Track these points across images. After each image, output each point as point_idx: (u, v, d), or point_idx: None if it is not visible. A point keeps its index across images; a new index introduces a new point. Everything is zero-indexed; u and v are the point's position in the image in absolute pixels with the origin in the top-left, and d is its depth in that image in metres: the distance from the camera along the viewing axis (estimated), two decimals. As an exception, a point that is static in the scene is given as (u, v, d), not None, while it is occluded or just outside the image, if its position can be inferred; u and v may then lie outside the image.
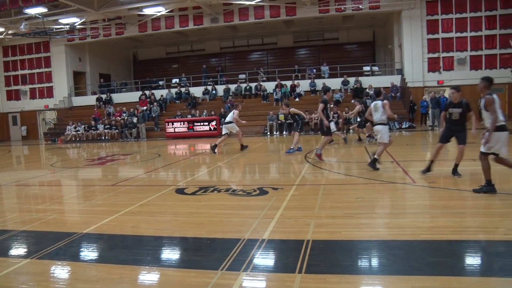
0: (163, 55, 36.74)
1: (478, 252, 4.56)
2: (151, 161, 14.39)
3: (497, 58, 25.12)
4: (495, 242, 4.72)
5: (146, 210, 6.83)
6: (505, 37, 24.39)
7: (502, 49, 24.77)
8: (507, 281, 3.77)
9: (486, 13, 24.92)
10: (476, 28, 25.08)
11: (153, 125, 26.42)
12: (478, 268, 4.17)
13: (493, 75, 23.61)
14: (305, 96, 26.37)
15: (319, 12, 26.19)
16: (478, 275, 3.92)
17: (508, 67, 25.02)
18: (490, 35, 25.01)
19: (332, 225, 5.52)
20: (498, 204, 6.35)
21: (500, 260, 4.26)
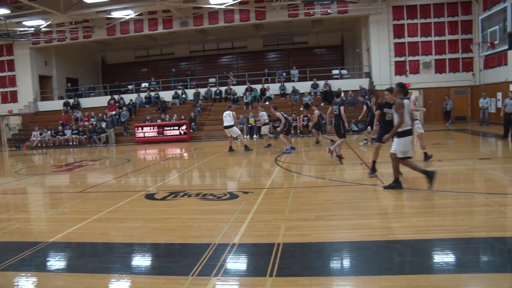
0: (132, 59, 36.27)
1: (444, 250, 4.68)
2: (121, 166, 14.17)
3: (460, 62, 25.92)
4: (459, 240, 4.85)
5: (115, 217, 6.73)
6: (466, 42, 25.18)
7: (464, 53, 25.57)
8: (471, 276, 3.90)
9: (448, 19, 25.71)
10: (439, 33, 25.82)
11: (123, 130, 26.01)
12: (444, 265, 4.28)
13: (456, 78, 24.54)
14: (275, 99, 26.46)
15: (288, 16, 26.38)
16: (444, 272, 4.03)
17: (470, 70, 25.87)
18: (453, 39, 25.80)
19: (303, 227, 5.56)
20: (462, 203, 6.54)
21: (464, 257, 4.41)
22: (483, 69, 25.16)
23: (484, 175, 8.90)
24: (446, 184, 8.13)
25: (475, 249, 4.63)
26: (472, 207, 6.31)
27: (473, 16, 25.25)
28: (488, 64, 24.58)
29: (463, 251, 4.55)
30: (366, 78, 26.79)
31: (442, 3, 25.57)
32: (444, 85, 25.01)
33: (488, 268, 4.14)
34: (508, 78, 21.71)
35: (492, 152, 13.42)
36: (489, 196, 6.74)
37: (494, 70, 23.90)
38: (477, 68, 25.63)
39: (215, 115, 25.67)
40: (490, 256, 4.52)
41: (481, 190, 7.38)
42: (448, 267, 4.22)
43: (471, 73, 25.86)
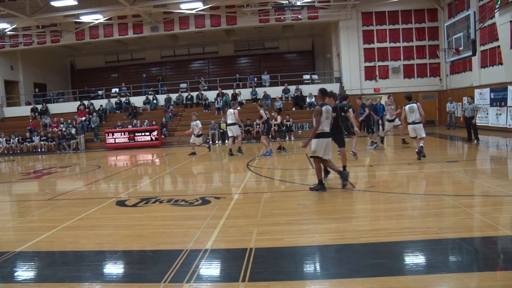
0: (102, 64, 35.71)
1: (414, 251, 4.77)
2: (91, 173, 13.92)
3: (427, 67, 26.60)
4: (429, 241, 4.95)
5: (85, 224, 6.60)
6: (433, 48, 25.85)
7: (431, 59, 26.25)
8: (440, 277, 3.99)
9: (416, 25, 26.37)
10: (407, 39, 26.44)
11: (93, 136, 25.56)
12: (414, 266, 4.36)
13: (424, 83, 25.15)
14: (247, 104, 26.51)
15: (259, 22, 26.51)
16: (414, 274, 4.10)
17: (437, 75, 26.56)
18: (420, 45, 26.47)
19: (275, 232, 5.58)
20: (431, 206, 6.68)
21: (433, 257, 4.51)
22: (450, 74, 25.92)
23: (451, 177, 9.14)
24: (416, 187, 8.31)
25: (444, 250, 4.73)
26: (440, 209, 6.45)
27: (439, 23, 25.99)
28: (454, 70, 25.32)
29: (432, 252, 4.65)
30: (337, 83, 27.13)
31: (410, 10, 26.22)
32: (412, 89, 25.53)
33: (456, 268, 4.24)
34: (472, 83, 22.41)
35: (459, 155, 13.79)
36: (457, 198, 6.91)
37: (460, 76, 24.64)
38: (443, 74, 26.38)
39: (187, 121, 25.49)
40: (458, 256, 4.63)
41: (449, 192, 7.56)
42: (418, 268, 4.31)
43: (438, 78, 26.59)
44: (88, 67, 35.44)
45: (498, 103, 20.14)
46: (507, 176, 9.47)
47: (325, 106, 7.85)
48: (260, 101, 22.92)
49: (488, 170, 10.44)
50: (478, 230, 5.38)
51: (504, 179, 8.88)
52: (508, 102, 19.28)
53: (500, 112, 20.01)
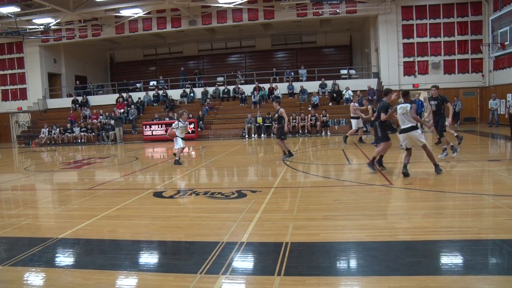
0: (141, 57, 36.42)
1: (452, 251, 4.65)
2: (129, 164, 14.24)
3: (469, 63, 25.75)
4: (468, 241, 4.82)
5: (123, 214, 6.76)
6: (476, 43, 25.02)
7: (474, 54, 25.41)
8: (479, 279, 3.88)
9: (458, 19, 25.54)
10: (449, 34, 25.66)
11: (131, 128, 26.13)
12: (452, 267, 4.26)
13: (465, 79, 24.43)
14: (283, 98, 26.45)
15: (297, 16, 26.34)
16: (452, 274, 4.00)
17: (479, 71, 25.69)
18: (462, 40, 25.63)
19: (311, 227, 5.56)
20: (471, 205, 6.50)
21: (473, 258, 4.38)
22: (493, 70, 24.98)
23: (493, 176, 8.85)
24: (455, 186, 8.10)
25: (483, 251, 4.60)
26: (480, 209, 6.27)
27: (483, 16, 25.06)
28: (498, 65, 24.38)
29: (471, 253, 4.52)
30: (375, 79, 26.69)
31: (452, 3, 25.39)
32: (453, 86, 24.85)
33: (496, 270, 4.11)
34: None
35: (501, 153, 13.33)
36: (498, 198, 6.68)
37: (504, 72, 23.70)
38: (486, 69, 25.45)
39: (223, 114, 25.72)
40: (499, 258, 4.49)
41: (490, 192, 7.32)
42: (457, 268, 4.20)
43: (480, 74, 25.67)
44: (127, 60, 36.25)
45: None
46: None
47: (401, 104, 8.75)
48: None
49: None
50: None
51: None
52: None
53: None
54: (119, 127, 24.76)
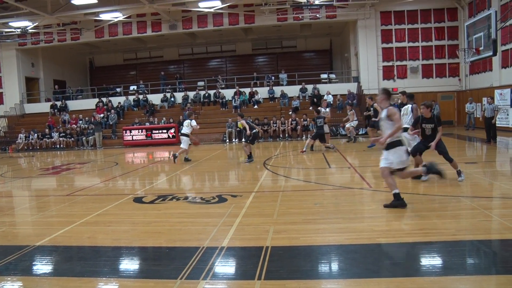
0: (121, 62, 36.10)
1: (430, 253, 4.74)
2: (109, 169, 14.10)
3: (447, 67, 26.26)
4: (445, 243, 4.91)
5: (103, 220, 6.70)
6: (452, 48, 25.53)
7: (451, 58, 25.92)
8: (457, 279, 3.96)
9: (435, 25, 26.05)
10: (426, 39, 26.14)
11: (111, 133, 25.87)
12: (430, 268, 4.34)
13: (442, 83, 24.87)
14: (264, 103, 26.55)
15: (277, 21, 26.47)
16: (430, 275, 4.07)
17: (456, 76, 26.21)
18: (440, 45, 26.14)
19: (291, 231, 5.59)
20: (448, 207, 6.61)
21: (450, 259, 4.48)
22: (469, 74, 25.54)
23: (470, 179, 9.01)
24: (433, 188, 8.23)
25: (461, 252, 4.69)
26: (458, 211, 6.39)
27: (459, 22, 25.63)
28: (473, 70, 24.95)
29: (449, 254, 4.62)
30: (355, 83, 26.98)
31: (429, 9, 25.90)
32: (431, 89, 25.30)
33: (473, 271, 4.21)
34: (492, 83, 22.06)
35: (477, 156, 13.59)
36: (475, 200, 6.83)
37: (480, 76, 24.27)
38: (463, 74, 26.01)
39: (204, 119, 25.66)
40: (476, 258, 4.59)
41: (467, 194, 7.47)
42: (434, 269, 4.28)
43: (457, 78, 26.22)
44: (106, 64, 35.90)
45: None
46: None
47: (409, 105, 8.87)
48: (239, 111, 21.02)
49: (507, 172, 10.29)
50: (496, 233, 5.32)
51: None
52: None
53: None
54: (99, 132, 24.49)
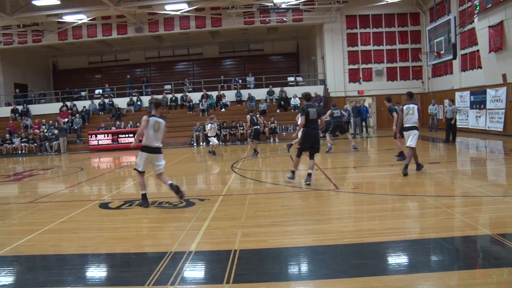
0: (85, 65, 35.33)
1: (396, 251, 4.86)
2: (73, 175, 13.77)
3: (410, 70, 26.97)
4: (410, 241, 5.04)
5: (67, 227, 6.53)
6: (415, 51, 26.25)
7: (414, 62, 26.65)
8: (421, 276, 4.07)
9: (399, 29, 26.76)
10: (391, 42, 26.79)
11: (75, 137, 25.30)
12: (396, 266, 4.44)
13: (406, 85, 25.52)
14: (231, 106, 26.54)
15: (244, 24, 26.57)
16: (396, 273, 4.16)
17: (420, 78, 26.95)
18: (403, 49, 26.83)
19: (259, 234, 5.60)
20: (413, 206, 6.78)
21: (415, 257, 4.61)
22: (432, 77, 26.30)
23: (433, 178, 9.26)
24: (398, 188, 8.41)
25: (425, 250, 4.82)
26: (422, 210, 6.55)
27: (421, 26, 26.39)
28: (436, 73, 25.72)
29: (414, 252, 4.74)
30: (321, 85, 27.31)
31: (393, 14, 26.55)
32: (395, 92, 25.81)
33: (437, 267, 4.32)
34: (453, 86, 22.78)
35: (440, 156, 13.97)
36: (438, 199, 7.02)
37: (441, 79, 25.03)
38: (426, 76, 26.78)
39: (171, 122, 25.42)
40: (439, 255, 4.70)
41: (431, 193, 7.66)
42: (400, 268, 4.38)
43: (420, 81, 26.96)
44: (71, 67, 35.03)
45: (477, 105, 20.51)
46: (486, 177, 9.64)
47: (408, 105, 9.72)
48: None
49: (468, 171, 10.62)
50: (458, 230, 5.48)
51: (483, 180, 9.05)
52: (487, 105, 19.65)
53: (479, 114, 20.38)
54: (63, 137, 23.88)
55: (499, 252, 4.69)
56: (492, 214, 6.24)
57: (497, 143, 16.15)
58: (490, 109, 19.48)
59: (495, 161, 12.35)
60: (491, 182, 8.98)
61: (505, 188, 8.19)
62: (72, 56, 34.36)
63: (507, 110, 18.26)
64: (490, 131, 19.42)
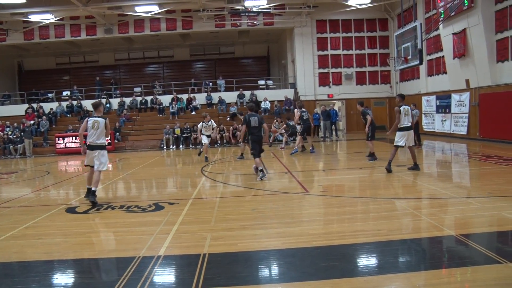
0: (53, 66, 34.48)
1: (365, 253, 4.94)
2: (39, 179, 13.43)
3: (379, 75, 27.50)
4: (379, 243, 5.13)
5: (32, 233, 6.35)
6: (384, 56, 26.83)
7: (382, 66, 27.20)
8: (389, 277, 4.15)
9: (367, 34, 27.28)
10: (360, 47, 27.27)
11: (42, 140, 24.67)
12: (364, 268, 4.52)
13: (375, 89, 26.02)
14: (201, 109, 26.41)
15: (215, 27, 26.52)
16: (364, 275, 4.23)
17: (388, 83, 27.51)
18: (372, 53, 27.37)
19: (228, 237, 5.60)
20: (382, 208, 6.90)
21: (383, 258, 4.70)
22: (399, 81, 26.89)
23: (401, 181, 9.46)
24: (367, 191, 8.55)
25: (393, 251, 4.92)
26: (390, 212, 6.67)
27: (389, 32, 26.98)
28: (403, 77, 26.31)
29: (382, 254, 4.83)
30: (292, 89, 27.54)
31: (362, 19, 27.04)
32: (364, 96, 26.31)
33: (404, 268, 4.41)
34: (420, 90, 23.34)
35: (408, 159, 14.26)
36: (405, 201, 7.18)
37: (409, 83, 25.62)
38: (394, 81, 27.36)
39: (141, 125, 25.16)
40: (406, 256, 4.82)
41: (398, 196, 7.83)
42: (368, 269, 4.46)
43: (388, 85, 27.51)
44: (37, 68, 34.12)
45: (443, 110, 21.09)
46: (451, 179, 9.91)
47: (403, 106, 10.32)
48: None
49: (434, 174, 10.89)
50: (424, 231, 5.62)
51: (448, 182, 9.30)
52: (452, 109, 20.23)
53: (445, 118, 20.96)
54: (29, 139, 23.25)
55: (463, 252, 4.83)
56: (457, 215, 6.42)
57: (461, 146, 16.64)
58: (455, 113, 20.06)
59: (459, 164, 12.73)
60: (455, 184, 9.24)
61: (468, 189, 8.44)
62: (39, 57, 33.51)
63: (471, 115, 18.85)
64: (455, 135, 20.00)
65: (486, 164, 11.65)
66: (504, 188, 8.03)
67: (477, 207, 6.62)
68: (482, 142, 17.51)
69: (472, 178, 10.11)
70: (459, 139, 19.17)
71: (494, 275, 4.03)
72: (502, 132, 16.78)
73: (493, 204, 6.79)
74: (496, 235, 5.44)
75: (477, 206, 6.70)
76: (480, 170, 10.92)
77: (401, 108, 10.34)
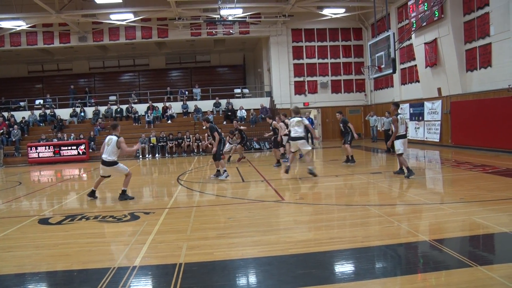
0: (25, 74, 33.82)
1: (341, 260, 4.99)
2: (11, 189, 13.11)
3: (354, 83, 27.90)
4: (355, 250, 5.18)
5: (2, 246, 6.19)
6: (358, 65, 27.29)
7: (357, 75, 27.64)
8: (364, 283, 4.19)
9: (342, 43, 27.70)
10: (335, 56, 27.65)
11: (13, 150, 24.12)
12: (339, 275, 4.56)
13: (350, 98, 26.34)
14: (177, 118, 26.29)
15: (191, 35, 26.51)
16: (340, 282, 4.27)
17: (362, 91, 27.93)
18: (347, 62, 27.77)
19: (205, 246, 5.57)
20: (357, 215, 6.98)
21: (359, 265, 4.75)
22: (374, 90, 27.33)
23: (375, 188, 9.59)
24: (343, 198, 8.64)
25: (369, 257, 4.97)
26: (366, 219, 6.75)
27: (363, 41, 27.45)
28: (377, 86, 26.76)
29: (358, 260, 4.89)
30: (267, 97, 27.67)
31: (337, 28, 27.45)
32: (340, 104, 26.64)
33: (380, 274, 4.48)
34: (394, 98, 23.75)
35: (381, 166, 14.48)
36: (380, 208, 7.28)
37: (383, 91, 26.06)
38: (368, 89, 27.80)
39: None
40: (382, 262, 4.88)
41: (373, 202, 7.93)
42: (344, 276, 4.50)
43: (363, 93, 27.92)
44: (8, 76, 33.34)
45: (416, 117, 21.50)
46: (424, 185, 10.08)
47: (400, 115, 10.70)
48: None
49: (408, 180, 11.06)
50: (399, 237, 5.69)
51: (421, 188, 9.46)
52: (425, 117, 20.66)
53: (418, 126, 21.37)
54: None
55: (437, 257, 4.93)
56: (430, 221, 6.55)
57: (434, 153, 16.97)
58: (428, 121, 20.49)
59: (433, 170, 12.97)
60: (428, 190, 9.41)
61: (441, 195, 8.61)
62: (10, 64, 32.78)
63: (443, 122, 19.28)
64: (428, 142, 20.40)
65: (458, 170, 11.92)
66: (474, 193, 8.23)
67: (449, 213, 6.77)
68: (454, 149, 17.91)
69: (444, 184, 10.32)
70: (432, 146, 19.57)
71: (466, 278, 4.13)
72: (472, 139, 17.21)
73: (464, 209, 6.95)
74: (468, 240, 5.56)
75: (450, 211, 6.84)
76: (453, 176, 11.16)
77: (398, 117, 10.63)
